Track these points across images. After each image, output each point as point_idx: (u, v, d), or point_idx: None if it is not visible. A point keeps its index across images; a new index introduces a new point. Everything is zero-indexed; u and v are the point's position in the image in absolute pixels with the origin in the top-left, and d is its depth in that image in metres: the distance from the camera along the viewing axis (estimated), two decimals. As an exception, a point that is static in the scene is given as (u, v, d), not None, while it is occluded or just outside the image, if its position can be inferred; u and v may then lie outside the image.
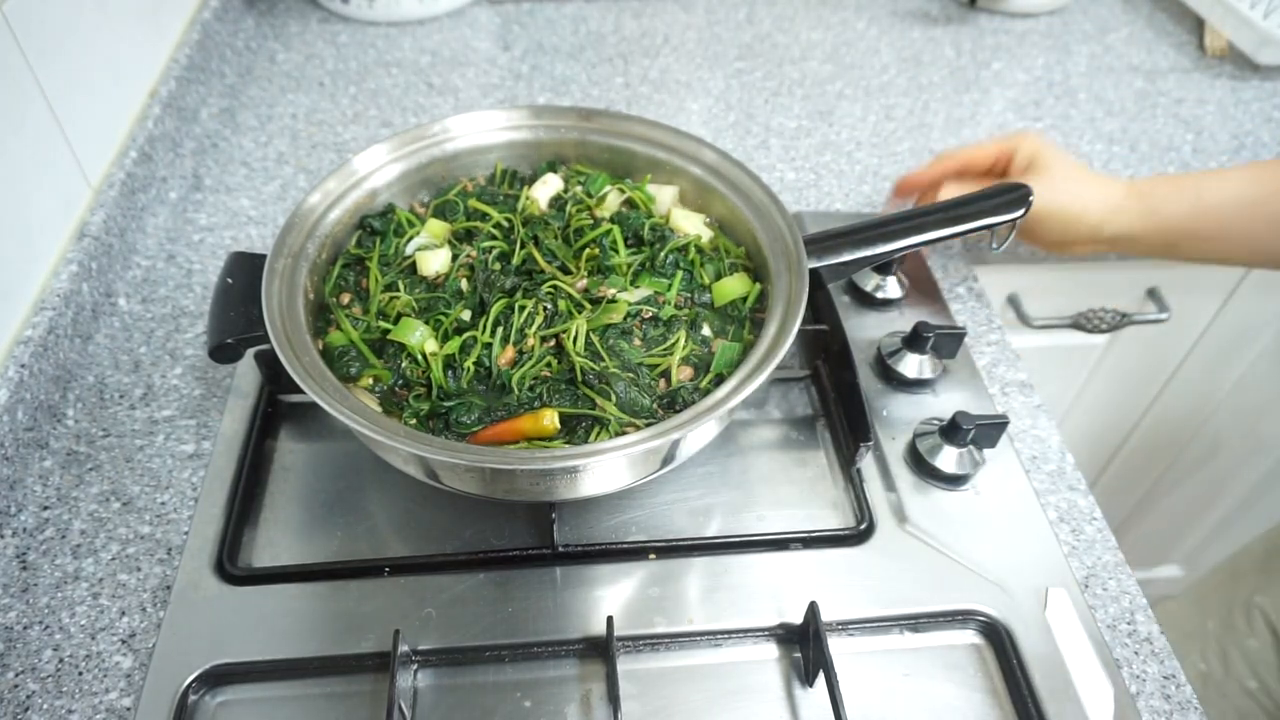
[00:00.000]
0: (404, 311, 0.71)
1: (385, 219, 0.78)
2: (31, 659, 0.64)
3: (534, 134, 0.84)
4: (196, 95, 1.13)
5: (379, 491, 0.74)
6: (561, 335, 0.69)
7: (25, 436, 0.74)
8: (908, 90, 1.23)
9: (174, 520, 0.72)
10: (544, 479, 0.62)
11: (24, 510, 0.73)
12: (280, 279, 0.68)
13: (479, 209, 0.79)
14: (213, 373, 0.83)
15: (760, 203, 0.76)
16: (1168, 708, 0.64)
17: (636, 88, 1.22)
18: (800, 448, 0.78)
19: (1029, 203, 0.76)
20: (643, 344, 0.70)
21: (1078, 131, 1.16)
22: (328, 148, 1.10)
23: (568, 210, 0.79)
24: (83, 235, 0.86)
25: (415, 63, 1.25)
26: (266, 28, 1.32)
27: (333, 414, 0.59)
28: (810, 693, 0.63)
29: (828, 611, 0.64)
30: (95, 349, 0.85)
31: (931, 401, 0.81)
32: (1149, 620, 0.68)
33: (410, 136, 0.80)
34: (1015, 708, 0.63)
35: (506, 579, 0.68)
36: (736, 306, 0.73)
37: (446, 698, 0.63)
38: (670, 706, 0.62)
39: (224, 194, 1.03)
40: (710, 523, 0.72)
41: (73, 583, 0.68)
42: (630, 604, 0.67)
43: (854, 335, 0.81)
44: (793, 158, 1.11)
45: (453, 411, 0.65)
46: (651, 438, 0.59)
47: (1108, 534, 0.74)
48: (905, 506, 0.73)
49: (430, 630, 0.64)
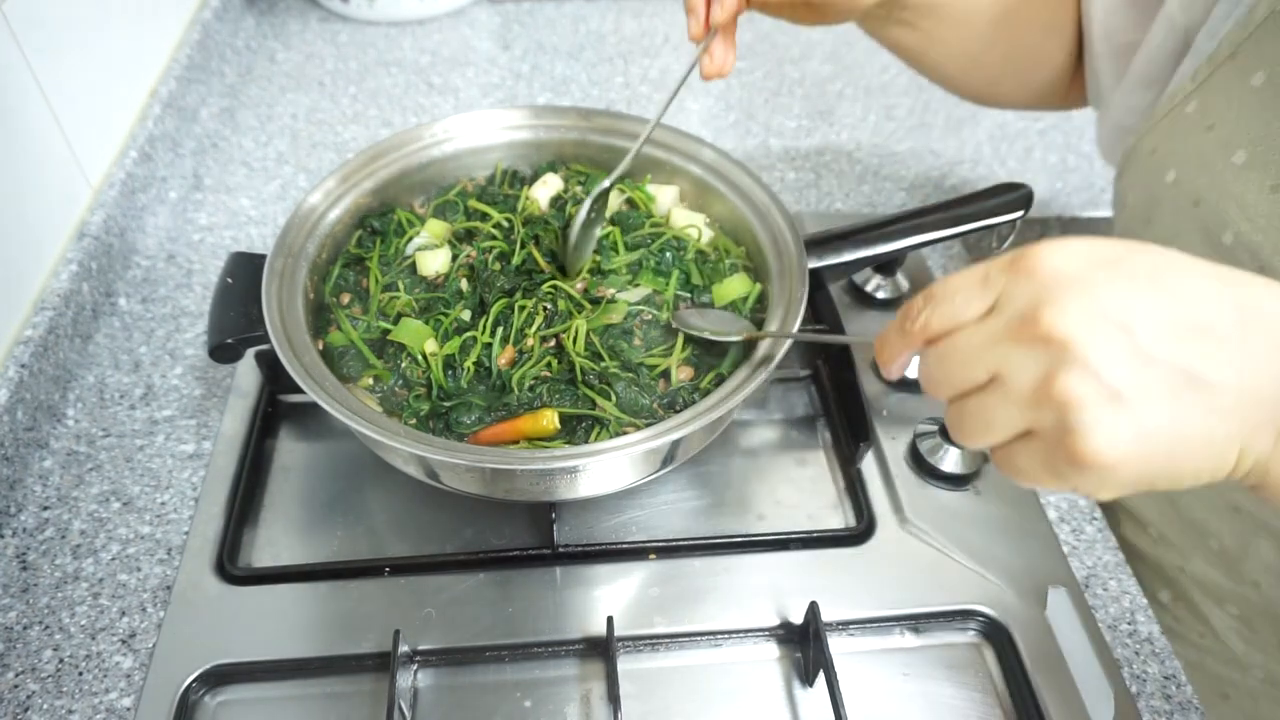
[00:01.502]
0: (404, 311, 0.71)
1: (385, 219, 0.78)
2: (31, 659, 0.64)
3: (534, 134, 0.84)
4: (197, 95, 1.13)
5: (379, 491, 0.74)
6: (561, 335, 0.69)
7: (25, 436, 0.74)
8: (908, 90, 1.23)
9: (174, 520, 0.72)
10: (544, 479, 0.62)
11: (24, 510, 0.73)
12: (280, 279, 0.68)
13: (479, 209, 0.79)
14: (213, 373, 0.83)
15: (760, 203, 0.76)
16: (1168, 708, 0.64)
17: (636, 88, 1.22)
18: (800, 448, 0.78)
19: (1030, 203, 0.76)
20: (642, 344, 0.70)
21: (1078, 131, 1.16)
22: (328, 148, 1.10)
23: (567, 210, 0.79)
24: (83, 235, 0.86)
25: (415, 62, 1.25)
26: (266, 27, 1.32)
27: (333, 414, 0.59)
28: (810, 693, 0.63)
29: (828, 611, 0.64)
30: (95, 349, 0.85)
31: (931, 401, 0.81)
32: (1149, 620, 0.68)
33: (410, 136, 0.80)
34: (1015, 708, 0.63)
35: (506, 579, 0.68)
36: (736, 306, 0.73)
37: (446, 698, 0.63)
38: (670, 706, 0.62)
39: (224, 194, 1.03)
40: (710, 523, 0.72)
41: (73, 583, 0.68)
42: (630, 604, 0.67)
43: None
44: (793, 158, 1.11)
45: (453, 412, 0.65)
46: (651, 438, 0.59)
47: (1108, 534, 0.73)
48: (905, 506, 0.73)
49: (430, 630, 0.64)
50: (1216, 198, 0.62)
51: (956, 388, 0.41)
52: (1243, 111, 0.60)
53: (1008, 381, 0.39)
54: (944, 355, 0.41)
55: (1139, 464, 0.37)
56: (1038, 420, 0.38)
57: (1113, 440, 0.37)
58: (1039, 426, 0.38)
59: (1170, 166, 0.62)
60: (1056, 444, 0.38)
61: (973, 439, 0.41)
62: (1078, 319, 0.37)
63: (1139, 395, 0.37)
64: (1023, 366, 0.38)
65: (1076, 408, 0.37)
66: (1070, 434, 0.37)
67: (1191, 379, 0.37)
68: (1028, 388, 0.38)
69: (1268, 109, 0.59)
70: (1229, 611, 0.73)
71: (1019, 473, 0.40)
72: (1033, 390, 0.38)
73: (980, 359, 0.39)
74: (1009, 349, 0.39)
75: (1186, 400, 0.37)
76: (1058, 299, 0.37)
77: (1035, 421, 0.38)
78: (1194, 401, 0.37)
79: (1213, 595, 0.74)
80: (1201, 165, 0.63)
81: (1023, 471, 0.40)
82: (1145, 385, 0.37)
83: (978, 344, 0.40)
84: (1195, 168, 0.63)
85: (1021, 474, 0.40)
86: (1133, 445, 0.37)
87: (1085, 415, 0.37)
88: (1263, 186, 0.59)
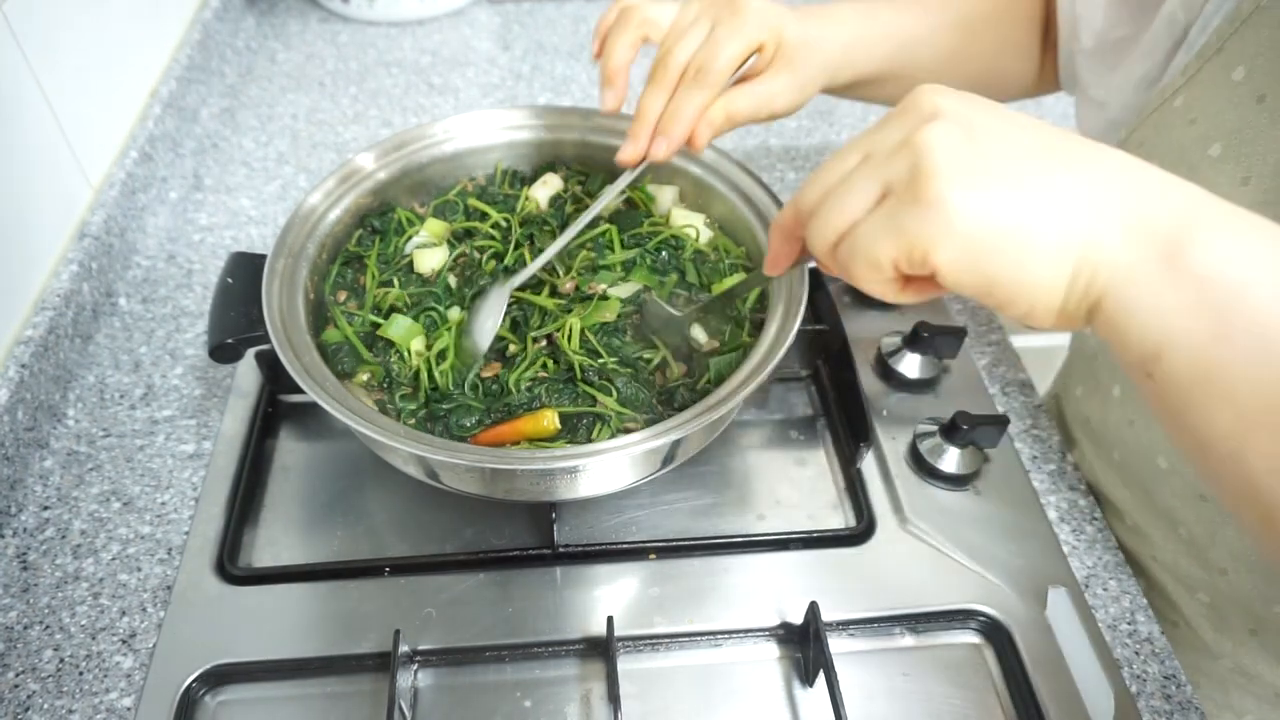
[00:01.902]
0: (396, 305, 0.71)
1: (386, 218, 0.78)
2: (32, 659, 0.64)
3: (534, 134, 0.84)
4: (197, 95, 1.13)
5: (379, 491, 0.74)
6: (556, 335, 0.69)
7: (26, 436, 0.74)
8: (908, 90, 1.23)
9: (174, 520, 0.72)
10: (544, 479, 0.62)
11: (24, 510, 0.73)
12: (280, 279, 0.68)
13: (479, 208, 0.79)
14: (213, 373, 0.83)
15: (760, 203, 0.76)
16: (1168, 708, 0.64)
17: (636, 88, 1.21)
18: (800, 448, 0.78)
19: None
20: (635, 341, 0.70)
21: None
22: (328, 148, 1.10)
23: (566, 210, 0.79)
24: (83, 235, 0.86)
25: (415, 63, 1.25)
26: (267, 27, 1.32)
27: (333, 414, 0.59)
28: (810, 693, 0.63)
29: (828, 611, 0.64)
30: (95, 349, 0.85)
31: (931, 401, 0.81)
32: (1149, 620, 0.68)
33: (410, 136, 0.80)
34: (1015, 708, 0.63)
35: (506, 579, 0.68)
36: (737, 307, 0.73)
37: (446, 698, 0.63)
38: (670, 706, 0.62)
39: (224, 194, 1.03)
40: (710, 523, 0.72)
41: (73, 583, 0.68)
42: (630, 604, 0.67)
43: (854, 335, 0.81)
44: (793, 158, 1.11)
45: (452, 415, 0.65)
46: (652, 438, 0.59)
47: (1108, 534, 0.73)
48: (905, 506, 0.73)
49: (430, 630, 0.64)
50: None
51: (825, 186, 0.44)
52: (1222, 106, 0.61)
53: (874, 151, 0.42)
54: (821, 170, 0.45)
55: (979, 219, 0.39)
56: (891, 175, 0.41)
57: (963, 178, 0.39)
58: (892, 180, 0.41)
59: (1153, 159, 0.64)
60: (905, 189, 0.40)
61: (831, 222, 0.43)
62: (958, 97, 0.42)
63: (990, 161, 0.39)
64: (891, 132, 0.42)
65: (933, 148, 0.39)
66: (920, 172, 0.39)
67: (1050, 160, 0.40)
68: (891, 145, 0.41)
69: (1244, 103, 0.60)
70: (1199, 599, 0.74)
71: (864, 248, 0.42)
72: (894, 146, 0.41)
73: (852, 148, 0.44)
74: (882, 129, 0.43)
75: (1032, 186, 0.39)
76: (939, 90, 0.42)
77: (889, 176, 0.41)
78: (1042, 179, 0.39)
79: (1184, 583, 0.75)
80: (1181, 158, 0.64)
81: (868, 244, 0.42)
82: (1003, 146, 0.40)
83: (849, 149, 0.44)
84: (1175, 160, 0.64)
85: (866, 248, 0.42)
86: (976, 194, 0.39)
87: (940, 154, 0.39)
88: (1234, 179, 0.60)
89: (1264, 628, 0.70)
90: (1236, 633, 0.72)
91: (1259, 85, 0.58)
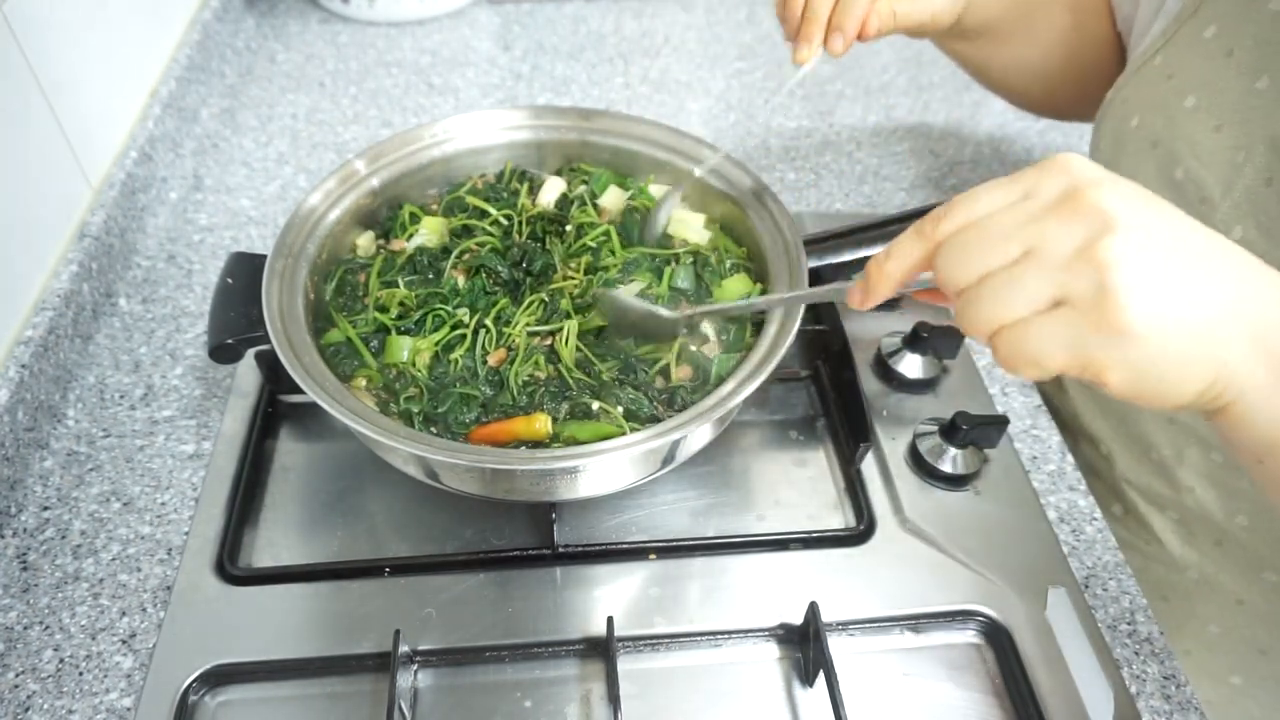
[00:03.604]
0: (404, 300, 0.71)
1: (389, 219, 0.79)
2: (32, 659, 0.64)
3: (535, 134, 0.84)
4: (197, 95, 1.13)
5: (379, 491, 0.74)
6: (554, 338, 0.69)
7: (25, 436, 0.74)
8: (907, 90, 1.23)
9: (174, 520, 0.72)
10: (544, 479, 0.62)
11: (24, 510, 0.73)
12: (280, 279, 0.68)
13: (478, 206, 0.79)
14: (213, 373, 0.83)
15: (760, 202, 0.76)
16: (1168, 708, 0.64)
17: (636, 88, 1.22)
18: (800, 448, 0.78)
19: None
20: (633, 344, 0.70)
21: (1077, 131, 1.16)
22: (328, 148, 1.10)
23: (570, 211, 0.79)
24: (83, 235, 0.86)
25: (415, 63, 1.25)
26: (267, 28, 1.32)
27: (333, 414, 0.59)
28: (810, 693, 0.63)
29: (828, 611, 0.64)
30: (95, 349, 0.85)
31: (931, 401, 0.81)
32: (1149, 620, 0.68)
33: (410, 137, 0.80)
34: (1015, 708, 0.63)
35: (506, 579, 0.68)
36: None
37: (446, 698, 0.63)
38: (670, 706, 0.62)
39: (224, 194, 1.03)
40: (710, 523, 0.72)
41: (73, 583, 0.68)
42: (630, 604, 0.67)
43: (854, 335, 0.81)
44: (793, 158, 1.11)
45: (451, 412, 0.65)
46: (651, 438, 0.59)
47: (1108, 534, 0.74)
48: (905, 506, 0.73)
49: (430, 630, 0.64)
50: (1170, 138, 0.69)
51: (982, 267, 0.41)
52: (1196, 61, 0.67)
53: (1044, 249, 0.39)
54: (969, 240, 0.42)
55: (1159, 344, 0.38)
56: (1072, 286, 0.39)
57: (1149, 305, 0.38)
58: (1072, 293, 0.39)
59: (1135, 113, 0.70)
60: (1090, 308, 0.38)
61: (994, 312, 0.41)
62: (1121, 195, 0.39)
63: (1168, 286, 0.38)
64: (1063, 234, 0.39)
65: (1119, 268, 0.37)
66: (1109, 295, 0.38)
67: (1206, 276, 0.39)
68: (1068, 252, 0.39)
69: (1215, 58, 0.66)
70: (1169, 517, 0.80)
71: (1033, 351, 0.40)
72: (1073, 254, 0.39)
73: (1013, 235, 0.40)
74: (1047, 222, 0.40)
75: (1198, 312, 0.39)
76: (1098, 183, 0.39)
77: (1068, 287, 0.39)
78: (1204, 297, 0.39)
79: (1155, 503, 0.81)
80: (1160, 110, 0.70)
81: (1037, 348, 0.40)
82: (1176, 265, 0.39)
83: (1010, 222, 0.41)
84: (1155, 112, 0.70)
85: (1035, 351, 0.40)
86: (1162, 320, 0.38)
87: (1127, 277, 0.37)
88: (1207, 127, 0.66)
89: (1227, 539, 0.76)
90: (1202, 544, 0.78)
91: (1228, 41, 0.65)
